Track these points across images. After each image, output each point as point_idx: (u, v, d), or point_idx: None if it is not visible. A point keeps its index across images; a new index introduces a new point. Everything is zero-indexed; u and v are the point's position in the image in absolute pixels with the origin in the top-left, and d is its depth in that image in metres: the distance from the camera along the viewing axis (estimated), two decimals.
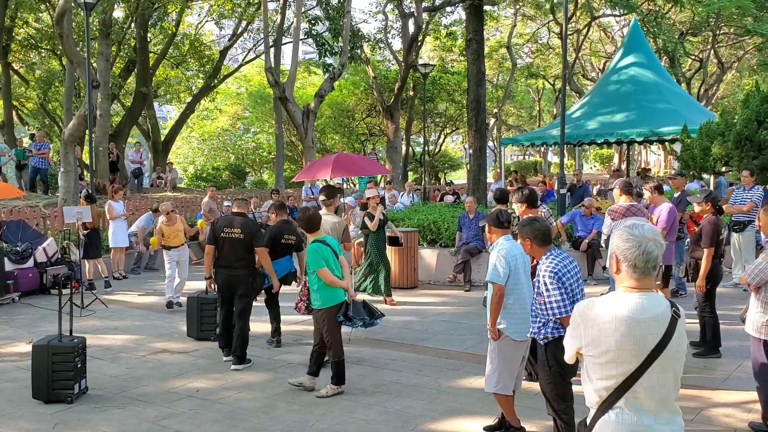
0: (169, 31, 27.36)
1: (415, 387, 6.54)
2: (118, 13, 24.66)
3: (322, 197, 7.62)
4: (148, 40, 25.98)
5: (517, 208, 6.61)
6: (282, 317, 8.44)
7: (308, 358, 6.61)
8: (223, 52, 29.53)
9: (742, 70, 37.89)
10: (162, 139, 28.44)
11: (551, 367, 4.67)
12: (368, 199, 10.98)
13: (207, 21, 30.87)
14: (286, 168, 34.28)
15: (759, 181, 10.76)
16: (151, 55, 26.61)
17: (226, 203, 14.83)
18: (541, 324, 4.67)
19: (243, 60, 33.91)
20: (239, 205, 8.02)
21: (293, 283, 8.46)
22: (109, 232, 13.44)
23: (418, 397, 6.26)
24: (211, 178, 30.11)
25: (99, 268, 12.62)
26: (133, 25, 24.46)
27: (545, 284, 4.57)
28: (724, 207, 10.66)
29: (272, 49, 23.54)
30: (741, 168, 11.05)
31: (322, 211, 7.47)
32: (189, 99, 30.75)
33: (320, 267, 6.16)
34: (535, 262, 5.07)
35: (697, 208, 7.44)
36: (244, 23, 29.30)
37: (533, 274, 5.07)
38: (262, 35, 25.28)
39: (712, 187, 15.31)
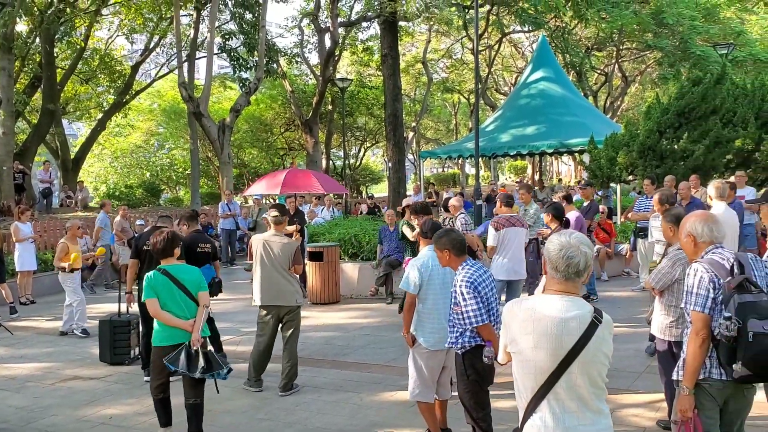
0: (78, 46, 26.47)
1: (336, 403, 6.51)
2: (21, 26, 23.68)
3: (273, 214, 7.15)
4: (55, 54, 25.05)
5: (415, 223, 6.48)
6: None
7: (232, 378, 6.45)
8: (135, 67, 28.80)
9: (645, 83, 39.74)
10: (72, 156, 27.44)
11: (469, 375, 4.75)
12: (407, 206, 10.45)
13: (117, 36, 30.10)
14: (203, 184, 33.67)
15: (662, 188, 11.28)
16: (58, 70, 25.64)
17: (138, 222, 14.40)
18: (458, 333, 4.74)
19: (156, 75, 33.17)
20: (163, 221, 7.93)
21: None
22: (15, 255, 12.82)
23: (339, 412, 6.24)
24: (124, 197, 29.23)
25: (3, 294, 12.02)
26: (38, 39, 23.53)
27: (462, 294, 4.65)
28: (630, 215, 11.17)
29: (186, 64, 23.17)
30: (644, 177, 11.57)
31: (271, 231, 7.06)
32: (100, 115, 29.80)
33: (147, 297, 5.28)
34: None
35: (546, 219, 7.71)
36: (156, 38, 28.69)
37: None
38: (175, 50, 24.83)
39: (618, 195, 15.96)
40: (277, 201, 21.78)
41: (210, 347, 5.41)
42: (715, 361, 3.65)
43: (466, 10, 24.29)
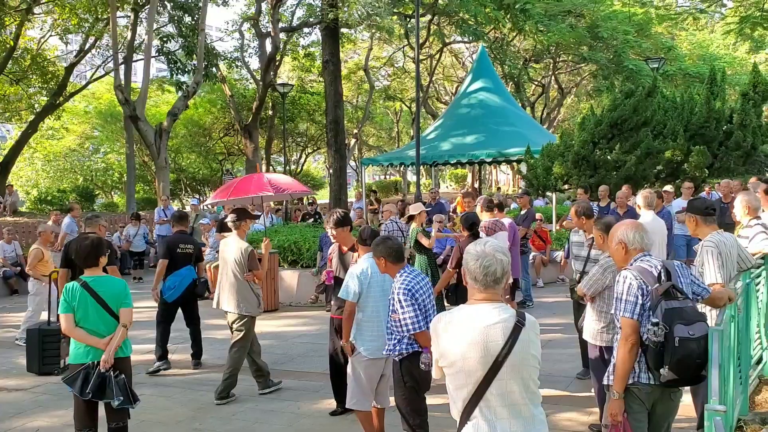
0: (7, 45, 25.53)
1: (273, 412, 6.43)
2: None
3: (231, 218, 7.10)
4: None
5: (330, 232, 6.32)
6: (135, 346, 8.00)
7: (167, 387, 6.33)
8: (69, 69, 27.93)
9: (580, 95, 40.80)
10: (0, 160, 26.44)
11: (406, 382, 4.78)
12: (412, 217, 9.70)
13: (51, 35, 29.13)
14: (139, 189, 32.93)
15: (594, 198, 11.60)
16: None
17: None
18: (396, 341, 4.76)
19: (91, 77, 32.24)
20: (89, 223, 7.62)
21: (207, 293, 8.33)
22: None
23: (276, 422, 6.17)
24: (56, 201, 28.31)
25: None
26: None
27: (399, 301, 4.67)
28: (564, 223, 11.43)
29: (122, 66, 22.68)
30: (578, 186, 11.88)
31: (232, 235, 7.07)
32: (32, 117, 28.80)
33: (62, 311, 4.77)
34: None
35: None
36: (92, 39, 27.92)
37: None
38: (111, 52, 24.23)
39: (554, 203, 16.31)
40: (215, 207, 21.42)
41: (117, 373, 4.76)
42: (643, 366, 3.76)
43: (408, 19, 24.50)
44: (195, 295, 8.16)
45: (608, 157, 13.30)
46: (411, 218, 9.57)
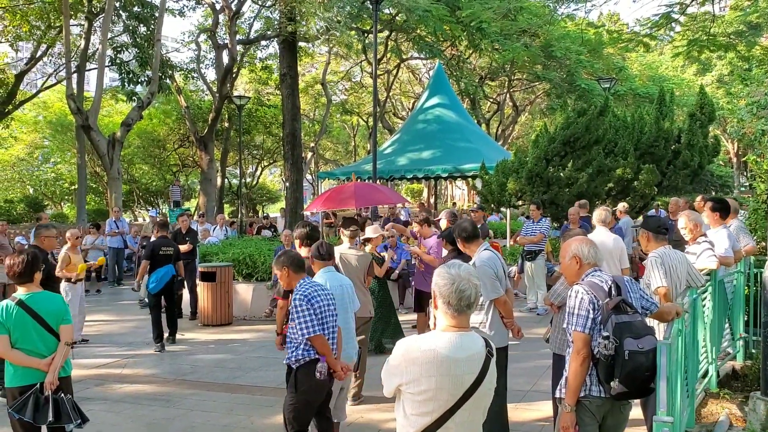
0: None
1: (226, 427, 6.34)
2: None
3: (352, 229, 7.21)
4: None
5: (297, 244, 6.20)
6: (86, 360, 7.83)
7: (119, 403, 6.17)
8: (20, 76, 27.29)
9: (534, 112, 41.45)
10: None
11: (299, 389, 4.74)
12: (368, 240, 8.71)
13: (0, 42, 28.46)
14: (90, 200, 32.28)
15: (548, 213, 11.79)
16: None
17: (18, 239, 13.60)
18: (294, 347, 4.77)
19: (42, 85, 31.55)
20: (48, 230, 7.42)
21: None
22: None
23: None
24: (3, 212, 27.53)
25: None
26: None
27: (295, 307, 4.70)
28: (518, 238, 11.59)
29: (75, 75, 22.27)
30: (531, 202, 12.07)
31: (346, 244, 7.11)
32: None
33: None
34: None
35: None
36: (44, 47, 27.35)
37: None
38: (63, 60, 23.79)
39: (508, 219, 16.52)
40: (169, 219, 21.11)
41: (63, 393, 4.58)
42: (594, 379, 3.82)
43: (366, 35, 24.65)
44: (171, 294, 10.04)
45: (561, 174, 13.54)
46: (367, 240, 8.88)
